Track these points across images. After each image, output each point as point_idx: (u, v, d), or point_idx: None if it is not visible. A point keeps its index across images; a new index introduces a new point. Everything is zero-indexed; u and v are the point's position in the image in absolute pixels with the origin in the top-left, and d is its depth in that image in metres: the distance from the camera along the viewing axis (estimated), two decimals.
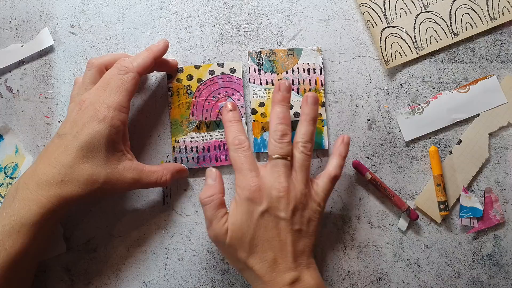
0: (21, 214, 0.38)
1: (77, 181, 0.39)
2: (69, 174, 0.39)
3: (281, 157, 0.41)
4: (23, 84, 0.49)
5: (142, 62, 0.42)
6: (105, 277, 0.47)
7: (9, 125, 0.48)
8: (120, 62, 0.42)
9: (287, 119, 0.42)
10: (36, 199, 0.38)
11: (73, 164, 0.39)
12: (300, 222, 0.40)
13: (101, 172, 0.40)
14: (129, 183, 0.41)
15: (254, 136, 0.48)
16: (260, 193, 0.39)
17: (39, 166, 0.39)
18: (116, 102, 0.40)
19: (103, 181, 0.40)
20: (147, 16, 0.49)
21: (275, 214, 0.39)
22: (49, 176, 0.38)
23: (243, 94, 0.48)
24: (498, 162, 0.48)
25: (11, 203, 0.38)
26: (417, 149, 0.48)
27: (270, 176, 0.40)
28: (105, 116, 0.39)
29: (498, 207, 0.47)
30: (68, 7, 0.50)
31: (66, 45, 0.49)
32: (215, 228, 0.40)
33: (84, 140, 0.39)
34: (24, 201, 0.38)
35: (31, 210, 0.38)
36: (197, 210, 0.48)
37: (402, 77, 0.49)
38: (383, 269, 0.47)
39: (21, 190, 0.38)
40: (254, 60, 0.48)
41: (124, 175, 0.41)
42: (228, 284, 0.47)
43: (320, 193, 0.42)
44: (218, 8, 0.49)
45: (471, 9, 0.48)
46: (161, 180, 0.43)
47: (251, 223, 0.39)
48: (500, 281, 0.47)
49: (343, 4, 0.49)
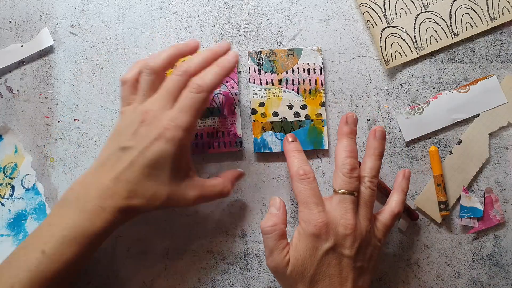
0: (84, 227, 0.37)
1: (142, 198, 0.38)
2: (134, 190, 0.38)
3: (348, 192, 0.40)
4: (23, 84, 0.49)
5: (215, 81, 0.40)
6: (105, 277, 0.47)
7: (9, 125, 0.48)
8: (193, 80, 0.39)
9: (355, 152, 0.41)
10: (100, 213, 0.37)
11: (138, 181, 0.38)
12: (363, 259, 0.39)
13: (165, 190, 0.39)
14: (191, 200, 0.41)
15: (254, 136, 0.48)
16: (327, 230, 0.38)
17: (101, 178, 0.38)
18: (187, 123, 0.38)
19: (165, 199, 0.39)
20: (147, 16, 0.49)
21: (340, 251, 0.39)
22: (114, 191, 0.38)
23: (237, 82, 0.48)
24: (498, 162, 0.48)
25: (70, 213, 0.38)
26: (417, 149, 0.48)
27: (337, 211, 0.39)
28: (173, 136, 0.38)
29: (498, 207, 0.47)
30: (68, 7, 0.50)
31: (66, 45, 0.49)
32: (276, 259, 0.39)
33: (151, 158, 0.38)
34: (87, 214, 0.37)
35: (94, 224, 0.37)
36: (197, 210, 0.48)
37: (402, 77, 0.49)
38: (383, 269, 0.47)
39: (84, 202, 0.38)
40: (254, 60, 0.48)
41: (187, 193, 0.40)
42: (228, 284, 0.47)
43: (381, 229, 0.41)
44: (218, 8, 0.49)
45: (471, 9, 0.48)
46: (223, 192, 0.43)
47: (314, 259, 0.38)
48: (500, 281, 0.47)
49: (343, 4, 0.49)
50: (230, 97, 0.48)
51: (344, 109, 0.48)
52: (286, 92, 0.48)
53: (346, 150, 0.41)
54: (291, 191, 0.48)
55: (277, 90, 0.48)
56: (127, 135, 0.39)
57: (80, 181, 0.39)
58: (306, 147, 0.47)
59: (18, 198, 0.48)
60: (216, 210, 0.48)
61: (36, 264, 0.36)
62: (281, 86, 0.48)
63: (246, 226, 0.48)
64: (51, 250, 0.36)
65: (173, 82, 0.40)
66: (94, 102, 0.49)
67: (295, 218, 0.48)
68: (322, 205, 0.39)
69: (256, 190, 0.48)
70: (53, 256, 0.36)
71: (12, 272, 0.37)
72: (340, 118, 0.43)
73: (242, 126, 0.48)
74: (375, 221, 0.42)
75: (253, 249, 0.47)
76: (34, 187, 0.48)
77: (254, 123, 0.48)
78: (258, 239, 0.48)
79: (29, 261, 0.36)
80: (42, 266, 0.36)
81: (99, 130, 0.49)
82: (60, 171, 0.48)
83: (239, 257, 0.47)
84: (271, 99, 0.48)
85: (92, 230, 0.37)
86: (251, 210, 0.48)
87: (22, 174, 0.48)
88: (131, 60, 0.49)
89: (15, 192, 0.48)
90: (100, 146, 0.48)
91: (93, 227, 0.37)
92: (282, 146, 0.44)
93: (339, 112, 0.48)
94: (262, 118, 0.48)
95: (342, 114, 0.48)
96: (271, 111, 0.48)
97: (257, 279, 0.47)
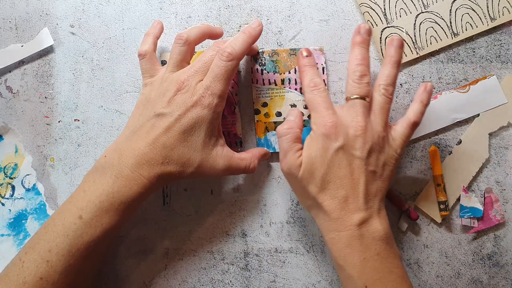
0: (121, 192, 0.38)
1: (176, 163, 0.39)
2: (170, 156, 0.39)
3: (360, 97, 0.40)
4: (23, 84, 0.49)
5: (244, 48, 0.41)
6: (105, 277, 0.47)
7: (9, 125, 0.48)
8: (222, 47, 0.41)
9: (366, 60, 0.42)
10: (137, 178, 0.38)
11: (174, 146, 0.39)
12: (375, 165, 0.40)
13: (198, 156, 0.40)
14: (220, 169, 0.42)
15: (257, 136, 0.48)
16: (336, 130, 0.39)
17: (137, 144, 0.39)
18: (221, 90, 0.40)
19: (197, 165, 0.40)
20: (147, 16, 0.49)
21: (350, 152, 0.39)
22: (150, 156, 0.39)
23: (237, 82, 0.48)
24: (498, 162, 0.48)
25: (106, 179, 0.38)
26: (417, 149, 0.48)
27: (348, 115, 0.40)
28: (209, 103, 0.40)
29: (498, 207, 0.47)
30: (68, 7, 0.50)
31: (66, 45, 0.49)
32: (289, 160, 0.40)
33: (187, 124, 0.39)
34: (125, 180, 0.38)
35: (132, 189, 0.38)
36: (197, 210, 0.48)
37: (402, 77, 0.49)
38: None
39: (119, 168, 0.39)
40: (256, 60, 0.48)
41: (217, 161, 0.41)
42: (228, 284, 0.47)
43: (398, 139, 0.41)
44: (218, 8, 0.49)
45: (471, 9, 0.48)
46: (249, 167, 0.44)
47: (325, 159, 0.39)
48: (500, 281, 0.47)
49: (343, 4, 0.49)
50: (230, 97, 0.48)
51: None
52: (289, 92, 0.48)
53: (357, 58, 0.42)
54: (291, 191, 0.48)
55: (280, 90, 0.48)
56: (162, 103, 0.40)
57: (113, 148, 0.40)
58: None
59: (18, 198, 0.48)
60: (216, 210, 0.48)
61: (73, 229, 0.37)
62: (284, 86, 0.48)
63: (246, 226, 0.48)
64: (88, 215, 0.37)
65: (210, 57, 0.41)
66: (94, 102, 0.49)
67: (295, 218, 0.48)
68: (332, 109, 0.40)
69: (256, 190, 0.48)
70: (91, 222, 0.37)
71: (49, 236, 0.37)
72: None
73: (242, 126, 0.48)
74: (392, 131, 0.42)
75: (253, 249, 0.47)
76: (35, 187, 0.48)
77: (258, 123, 0.48)
78: (258, 239, 0.48)
79: (67, 227, 0.37)
80: (79, 231, 0.37)
81: (99, 130, 0.49)
82: (60, 171, 0.48)
83: (239, 257, 0.47)
84: (274, 99, 0.48)
85: (129, 195, 0.38)
86: (251, 210, 0.48)
87: (23, 174, 0.48)
88: (131, 60, 0.49)
89: (16, 192, 0.48)
90: (100, 146, 0.49)
91: (130, 193, 0.38)
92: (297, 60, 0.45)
93: None
94: (265, 118, 0.48)
95: None
96: (274, 111, 0.48)
97: (257, 279, 0.47)
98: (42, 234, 0.38)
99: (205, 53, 0.42)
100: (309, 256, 0.47)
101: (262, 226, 0.48)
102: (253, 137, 0.48)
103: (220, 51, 0.40)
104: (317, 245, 0.47)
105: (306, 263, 0.47)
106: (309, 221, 0.48)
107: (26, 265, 0.36)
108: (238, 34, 0.42)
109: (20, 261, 0.37)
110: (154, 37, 0.45)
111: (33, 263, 0.36)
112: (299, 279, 0.47)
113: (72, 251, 0.37)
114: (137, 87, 0.49)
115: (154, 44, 0.45)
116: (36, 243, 0.37)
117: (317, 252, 0.47)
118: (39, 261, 0.36)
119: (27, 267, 0.36)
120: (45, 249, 0.36)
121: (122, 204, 0.38)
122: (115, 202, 0.38)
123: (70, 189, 0.48)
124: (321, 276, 0.47)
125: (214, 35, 0.45)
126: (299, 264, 0.47)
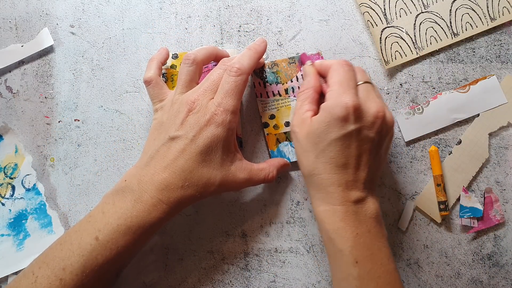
0: (140, 217, 0.38)
1: (196, 185, 0.39)
2: (189, 179, 0.39)
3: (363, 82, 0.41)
4: (23, 84, 0.49)
5: (251, 63, 0.41)
6: None
7: (9, 125, 0.48)
8: (229, 63, 0.41)
9: None
10: (156, 204, 0.38)
11: (192, 169, 0.39)
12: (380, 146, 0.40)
13: (218, 175, 0.40)
14: (241, 183, 0.42)
15: (270, 149, 0.47)
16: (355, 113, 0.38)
17: (155, 169, 0.39)
18: (233, 106, 0.40)
19: (218, 184, 0.40)
20: (147, 16, 0.49)
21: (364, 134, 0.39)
22: (169, 181, 0.38)
23: None
24: (498, 162, 0.48)
25: (126, 203, 0.38)
26: (417, 149, 0.48)
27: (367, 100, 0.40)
28: (223, 120, 0.39)
29: (498, 207, 0.47)
30: (68, 7, 0.50)
31: (66, 45, 0.49)
32: (294, 119, 0.41)
33: (203, 145, 0.39)
34: (144, 205, 0.38)
35: (151, 214, 0.38)
36: (197, 210, 0.48)
37: (402, 77, 0.49)
38: None
39: (139, 193, 0.38)
40: (257, 75, 0.48)
41: (237, 176, 0.41)
42: (228, 284, 0.47)
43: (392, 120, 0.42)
44: (218, 8, 0.49)
45: (471, 9, 0.48)
46: (268, 177, 0.43)
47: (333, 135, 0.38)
48: (500, 281, 0.47)
49: (343, 4, 0.49)
50: None
51: None
52: (294, 100, 0.48)
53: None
54: (291, 191, 0.48)
55: (285, 100, 0.48)
56: (175, 125, 0.40)
57: (132, 174, 0.40)
58: None
59: (18, 198, 0.48)
60: (216, 210, 0.48)
61: (89, 250, 0.37)
62: (288, 96, 0.48)
63: (246, 226, 0.48)
64: (105, 237, 0.37)
65: (218, 75, 0.41)
66: (94, 102, 0.49)
67: (295, 218, 0.48)
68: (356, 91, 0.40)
69: (256, 190, 0.48)
70: (107, 244, 0.37)
71: (64, 254, 0.37)
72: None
73: (242, 126, 0.48)
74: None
75: (253, 249, 0.47)
76: (35, 187, 0.48)
77: (268, 136, 0.48)
78: (258, 239, 0.48)
79: (82, 246, 0.37)
80: (95, 253, 0.37)
81: (99, 130, 0.49)
82: (60, 171, 0.48)
83: (239, 257, 0.47)
84: (281, 110, 0.48)
85: (148, 220, 0.38)
86: (251, 210, 0.48)
87: (23, 174, 0.48)
88: (131, 60, 0.49)
89: (16, 192, 0.48)
90: (100, 146, 0.49)
91: (149, 218, 0.38)
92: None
93: None
94: (275, 130, 0.48)
95: None
96: (283, 121, 0.48)
97: (257, 279, 0.47)
98: (58, 250, 0.38)
99: (213, 71, 0.41)
100: (309, 256, 0.47)
101: (262, 226, 0.48)
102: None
103: (229, 67, 0.40)
104: (317, 245, 0.47)
105: (306, 263, 0.47)
106: (309, 221, 0.48)
107: (39, 280, 0.36)
108: (244, 51, 0.42)
109: (33, 276, 0.37)
110: (159, 62, 0.45)
111: (47, 280, 0.36)
112: (299, 279, 0.47)
113: (86, 271, 0.36)
114: (137, 87, 0.49)
115: (159, 69, 0.45)
116: (51, 259, 0.37)
117: (317, 252, 0.47)
118: (52, 278, 0.36)
119: (40, 282, 0.36)
120: (59, 267, 0.36)
121: (140, 228, 0.38)
122: (133, 226, 0.38)
123: (70, 189, 0.48)
124: (321, 276, 0.47)
125: (220, 57, 0.45)
126: (299, 264, 0.47)
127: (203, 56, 0.43)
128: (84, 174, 0.48)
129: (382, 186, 0.48)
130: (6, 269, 0.47)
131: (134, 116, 0.49)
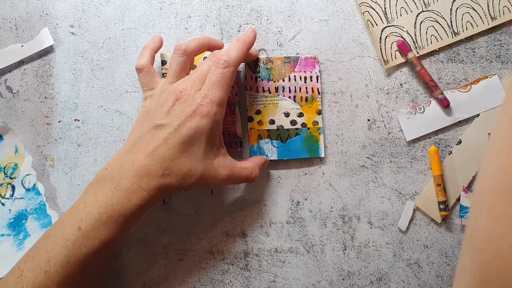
0: (120, 205, 0.38)
1: (176, 175, 0.39)
2: (170, 167, 0.39)
3: None
4: (23, 84, 0.49)
5: (239, 55, 0.41)
6: (105, 277, 0.47)
7: (9, 125, 0.49)
8: (218, 56, 0.41)
9: None
10: (136, 190, 0.38)
11: (174, 158, 0.39)
12: None
13: (199, 167, 0.40)
14: (222, 179, 0.41)
15: (250, 144, 0.47)
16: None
17: (136, 156, 0.39)
18: (219, 98, 0.40)
19: (199, 176, 0.40)
20: (147, 16, 0.49)
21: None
22: (150, 168, 0.38)
23: (237, 82, 0.48)
24: None
25: (106, 191, 0.38)
26: (417, 149, 0.48)
27: None
28: (208, 112, 0.39)
29: None
30: (68, 7, 0.50)
31: (66, 45, 0.49)
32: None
33: (187, 135, 0.39)
34: (124, 192, 0.38)
35: (131, 201, 0.38)
36: (197, 210, 0.48)
37: (402, 77, 0.49)
38: (383, 269, 0.47)
39: (119, 180, 0.38)
40: (250, 68, 0.48)
41: (219, 171, 0.41)
42: (228, 284, 0.47)
43: None
44: (218, 8, 0.49)
45: (472, 8, 0.48)
46: (251, 177, 0.43)
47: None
48: None
49: (343, 4, 0.49)
50: (230, 97, 0.48)
51: (344, 109, 0.48)
52: (283, 100, 0.48)
53: None
54: (291, 191, 0.48)
55: (274, 98, 0.48)
56: (161, 114, 0.40)
57: (114, 161, 0.40)
58: (302, 155, 0.47)
59: (18, 198, 0.48)
60: (216, 210, 0.48)
61: (72, 240, 0.37)
62: (277, 94, 0.48)
63: (246, 226, 0.48)
64: (87, 227, 0.37)
65: (208, 66, 0.41)
66: (94, 102, 0.49)
67: (295, 218, 0.48)
68: None
69: (256, 190, 0.48)
70: (90, 233, 0.37)
71: (48, 246, 0.37)
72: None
73: (242, 126, 0.48)
74: None
75: (253, 249, 0.47)
76: (35, 187, 0.48)
77: (251, 131, 0.48)
78: (258, 239, 0.48)
79: (66, 237, 0.37)
80: (78, 243, 0.37)
81: (99, 130, 0.49)
82: (60, 171, 0.48)
83: (239, 257, 0.47)
84: (268, 107, 0.48)
85: (128, 208, 0.38)
86: (251, 210, 0.48)
87: (23, 174, 0.48)
88: (131, 60, 0.49)
89: (16, 192, 0.48)
90: (100, 146, 0.49)
91: (129, 205, 0.38)
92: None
93: (339, 112, 0.48)
94: (259, 125, 0.48)
95: (342, 114, 0.48)
96: (268, 118, 0.48)
97: (257, 279, 0.47)
98: (42, 243, 0.38)
99: (203, 63, 0.42)
100: (309, 256, 0.47)
101: (262, 226, 0.48)
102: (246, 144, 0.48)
103: (216, 59, 0.40)
104: (317, 245, 0.47)
105: (306, 263, 0.47)
106: (309, 221, 0.48)
107: (24, 274, 0.36)
108: (233, 43, 0.42)
109: (19, 270, 0.37)
110: (152, 50, 0.45)
111: (32, 273, 0.36)
112: (299, 279, 0.47)
113: (70, 262, 0.36)
114: (137, 87, 0.49)
115: (152, 57, 0.45)
116: (36, 252, 0.37)
117: (317, 252, 0.47)
118: (37, 271, 0.36)
119: (25, 276, 0.36)
120: (44, 259, 0.36)
121: (121, 216, 0.38)
122: (114, 214, 0.37)
123: (70, 189, 0.48)
124: (321, 276, 0.47)
125: (214, 47, 0.45)
126: (299, 264, 0.47)
127: (195, 47, 0.43)
128: (84, 174, 0.48)
129: (382, 186, 0.48)
130: (6, 269, 0.47)
131: (134, 116, 0.49)
